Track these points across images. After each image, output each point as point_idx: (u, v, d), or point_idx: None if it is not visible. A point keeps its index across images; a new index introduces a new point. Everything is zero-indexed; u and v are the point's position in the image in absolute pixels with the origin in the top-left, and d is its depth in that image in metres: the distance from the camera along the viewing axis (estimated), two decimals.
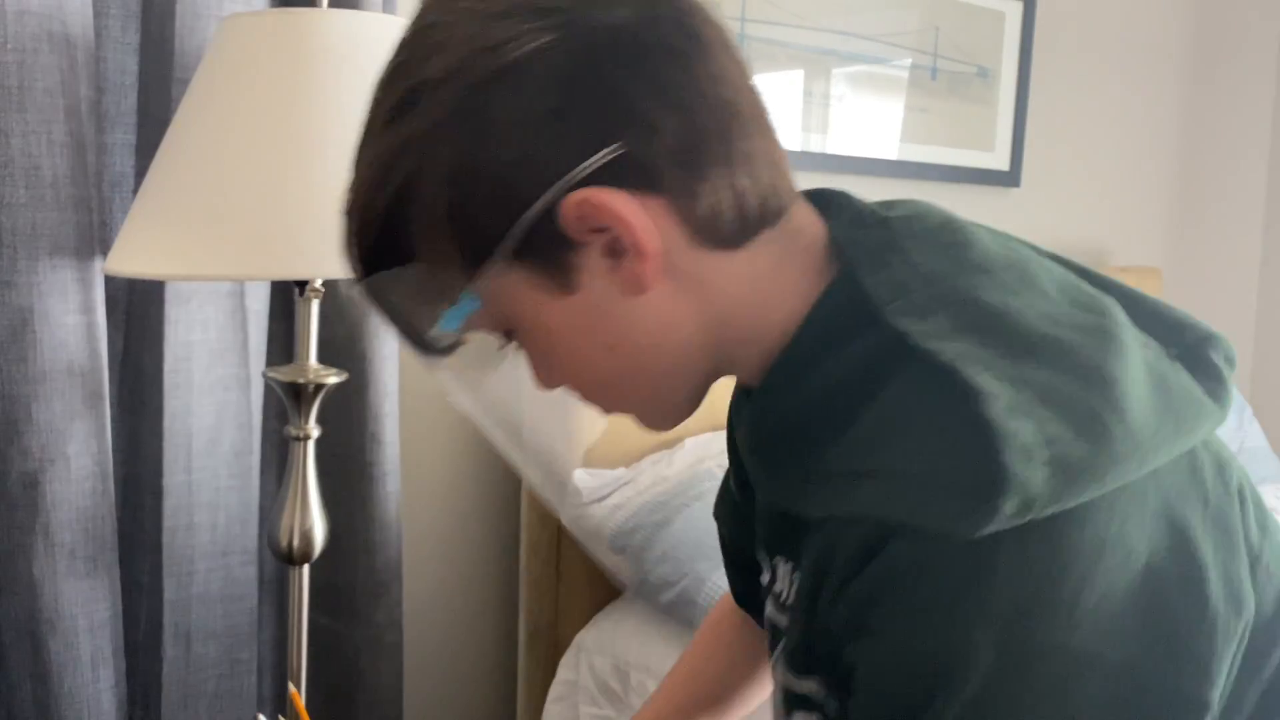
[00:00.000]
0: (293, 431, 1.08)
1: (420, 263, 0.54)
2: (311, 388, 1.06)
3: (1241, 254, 2.68)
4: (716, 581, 1.26)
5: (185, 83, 1.10)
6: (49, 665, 1.05)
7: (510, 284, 0.53)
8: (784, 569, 0.62)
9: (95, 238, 1.06)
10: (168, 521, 1.15)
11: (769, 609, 0.65)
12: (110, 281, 1.15)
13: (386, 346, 1.28)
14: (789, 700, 0.60)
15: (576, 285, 0.53)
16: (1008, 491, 0.45)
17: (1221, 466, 0.54)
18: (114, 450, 1.15)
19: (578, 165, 0.50)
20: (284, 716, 1.24)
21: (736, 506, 0.76)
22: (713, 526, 0.82)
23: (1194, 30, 2.49)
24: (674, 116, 0.53)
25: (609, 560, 1.37)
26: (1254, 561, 0.52)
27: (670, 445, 1.47)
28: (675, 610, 1.30)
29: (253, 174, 0.92)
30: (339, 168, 0.92)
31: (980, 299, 0.52)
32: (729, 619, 0.86)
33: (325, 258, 0.90)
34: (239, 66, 0.96)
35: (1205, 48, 2.52)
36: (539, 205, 0.51)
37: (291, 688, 0.91)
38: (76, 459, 1.05)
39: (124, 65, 1.14)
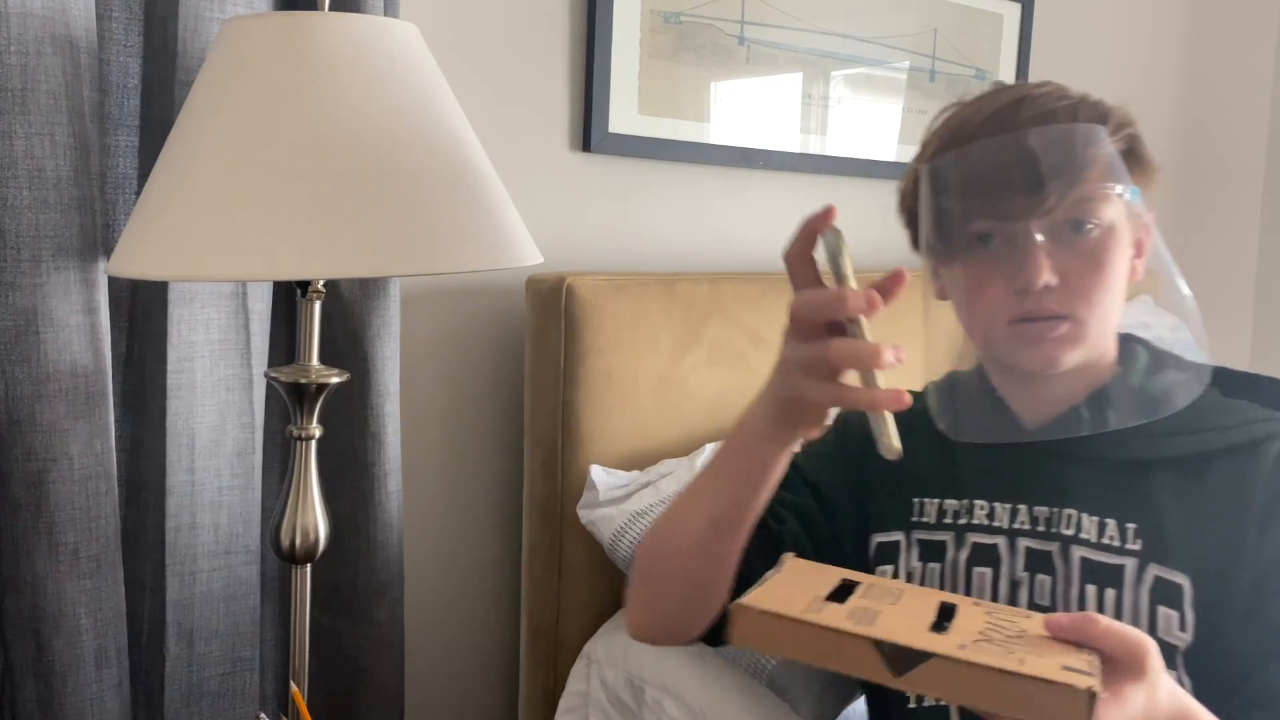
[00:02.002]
0: (295, 431, 1.08)
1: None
2: (313, 388, 1.07)
3: (1239, 254, 2.68)
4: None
5: (188, 85, 1.11)
6: (52, 664, 1.05)
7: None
8: (1092, 520, 0.87)
9: (98, 239, 1.07)
10: (170, 521, 1.15)
11: (1079, 554, 0.87)
12: (113, 283, 1.15)
13: (387, 347, 1.29)
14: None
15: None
16: None
17: None
18: (117, 450, 1.16)
19: None
20: (286, 715, 1.25)
21: (802, 506, 0.96)
22: None
23: (1190, 31, 2.50)
24: None
25: (622, 564, 1.36)
26: None
27: (689, 453, 1.47)
28: None
29: (255, 176, 0.92)
30: (340, 170, 0.93)
31: None
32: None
33: (327, 259, 0.90)
34: (241, 69, 0.97)
35: (1202, 49, 2.52)
36: None
37: (293, 686, 0.92)
38: (80, 459, 1.05)
39: (127, 68, 1.15)
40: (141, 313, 1.17)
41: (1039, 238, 0.83)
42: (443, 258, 0.94)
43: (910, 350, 0.94)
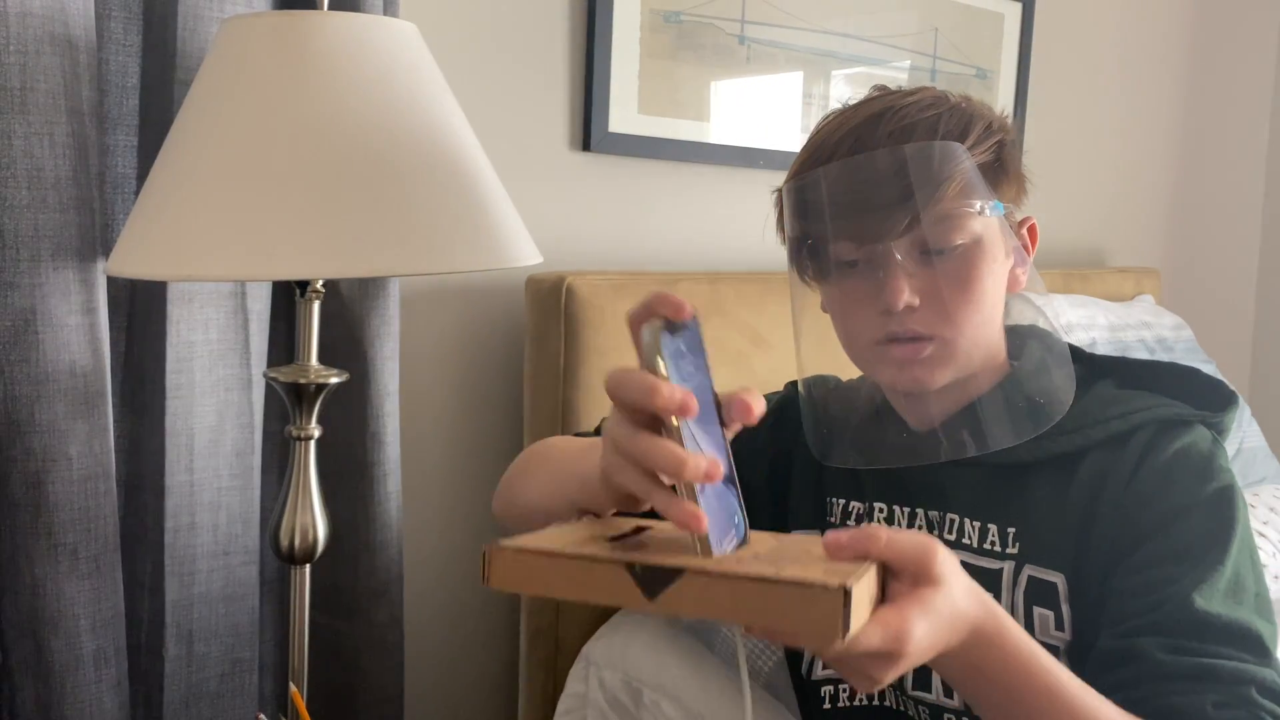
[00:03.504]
0: (294, 431, 1.08)
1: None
2: (313, 388, 1.07)
3: (1240, 255, 2.68)
4: None
5: (186, 85, 1.11)
6: (51, 665, 1.05)
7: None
8: (974, 525, 0.88)
9: (97, 239, 1.07)
10: (169, 521, 1.15)
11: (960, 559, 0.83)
12: (112, 282, 1.15)
13: (387, 347, 1.29)
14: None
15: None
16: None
17: None
18: (116, 450, 1.15)
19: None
20: (285, 716, 1.25)
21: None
22: None
23: (1192, 32, 2.50)
24: None
25: None
26: None
27: None
28: (696, 630, 1.30)
29: (254, 175, 0.92)
30: (339, 169, 0.93)
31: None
32: None
33: (326, 258, 0.90)
34: (240, 68, 0.96)
35: (1203, 49, 2.52)
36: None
37: (293, 687, 0.92)
38: (79, 459, 1.05)
39: (126, 67, 1.14)
40: (140, 313, 1.17)
41: (899, 258, 0.82)
42: (442, 257, 0.94)
43: (792, 359, 0.95)
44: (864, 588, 0.56)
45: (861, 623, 0.55)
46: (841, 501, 0.96)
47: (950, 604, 0.60)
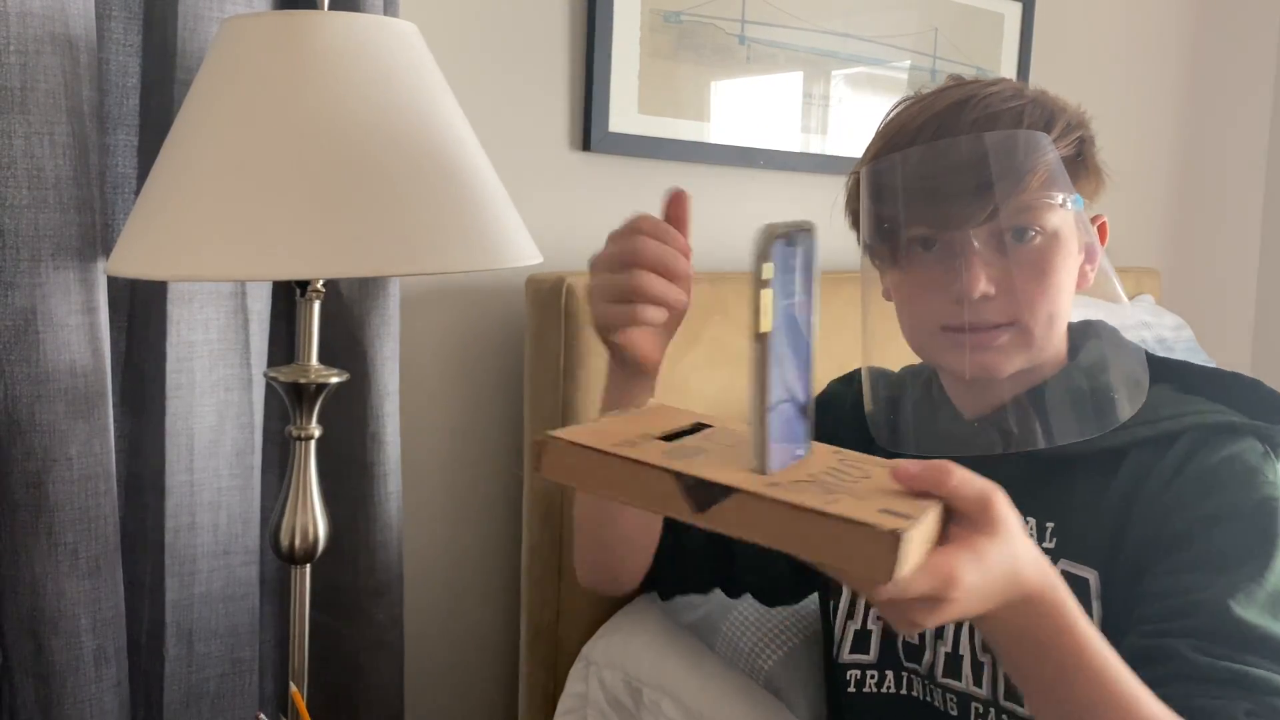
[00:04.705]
0: (294, 431, 1.08)
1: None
2: (313, 388, 1.07)
3: (1240, 255, 2.68)
4: (742, 611, 1.26)
5: (187, 84, 1.11)
6: (51, 664, 1.05)
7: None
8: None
9: (97, 239, 1.07)
10: (170, 521, 1.15)
11: None
12: (112, 282, 1.15)
13: (387, 347, 1.29)
14: None
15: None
16: None
17: None
18: (116, 450, 1.15)
19: None
20: (285, 716, 1.24)
21: None
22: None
23: (1193, 31, 2.50)
24: None
25: None
26: None
27: None
28: (697, 629, 1.30)
29: (254, 175, 0.92)
30: (340, 169, 0.93)
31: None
32: None
33: (326, 258, 0.90)
34: (240, 68, 0.96)
35: (1204, 49, 2.52)
36: None
37: (293, 687, 0.92)
38: (79, 459, 1.05)
39: (126, 67, 1.14)
40: (141, 312, 1.17)
41: (976, 246, 0.82)
42: (442, 257, 0.94)
43: (852, 350, 0.95)
44: (920, 532, 0.53)
45: (912, 567, 0.52)
46: None
47: (1006, 559, 0.57)
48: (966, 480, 0.56)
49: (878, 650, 0.95)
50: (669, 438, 0.62)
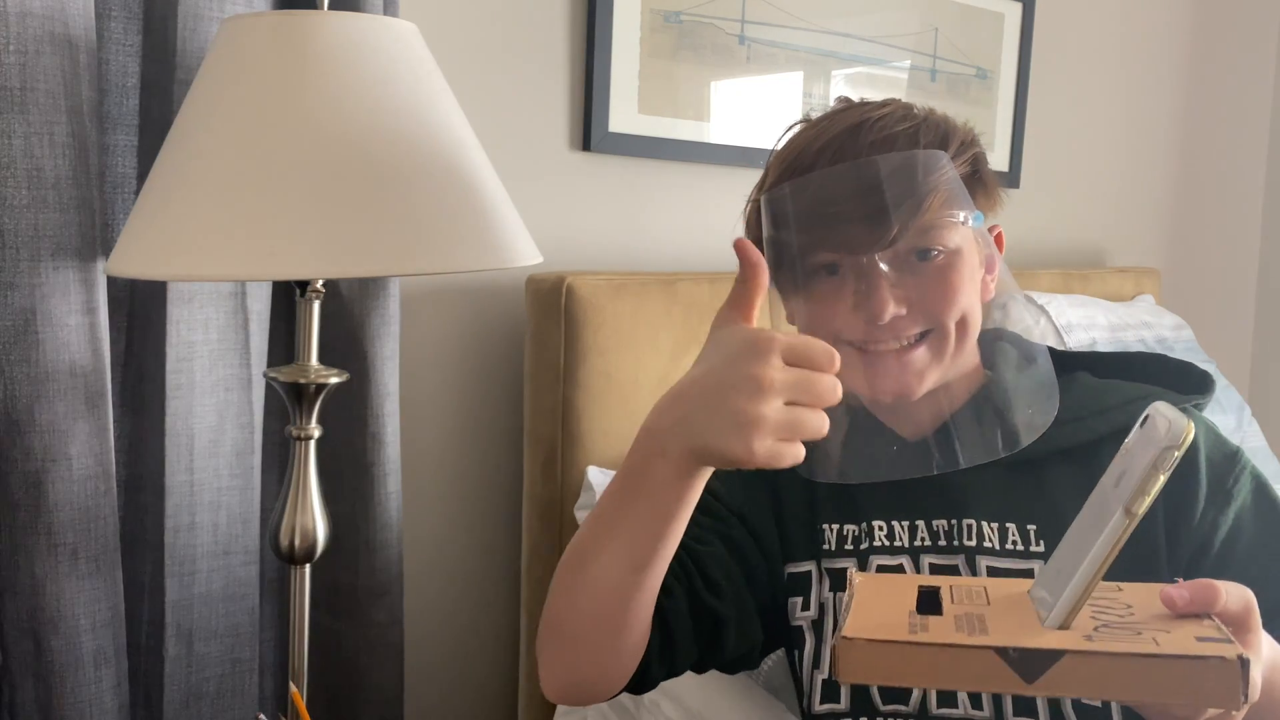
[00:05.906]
0: (294, 431, 1.08)
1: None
2: (313, 388, 1.07)
3: (1240, 254, 2.68)
4: None
5: (187, 84, 1.11)
6: (51, 665, 1.05)
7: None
8: (993, 528, 0.88)
9: (97, 239, 1.07)
10: (169, 521, 1.15)
11: (985, 563, 0.88)
12: (112, 282, 1.15)
13: (387, 347, 1.29)
14: None
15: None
16: None
17: None
18: (116, 450, 1.16)
19: None
20: (285, 716, 1.24)
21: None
22: None
23: (1192, 31, 2.50)
24: None
25: None
26: None
27: None
28: None
29: (254, 175, 0.92)
30: (339, 169, 0.93)
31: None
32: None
33: (326, 258, 0.90)
34: (240, 68, 0.96)
35: (1203, 48, 2.52)
36: None
37: (293, 687, 0.92)
38: (79, 459, 1.05)
39: (126, 67, 1.14)
40: (141, 312, 1.17)
41: (884, 269, 0.82)
42: (442, 257, 0.94)
43: None
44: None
45: (1255, 684, 0.57)
46: (835, 527, 0.93)
47: (1269, 646, 0.65)
48: (1232, 595, 0.62)
49: (849, 699, 0.91)
50: (923, 609, 0.64)
